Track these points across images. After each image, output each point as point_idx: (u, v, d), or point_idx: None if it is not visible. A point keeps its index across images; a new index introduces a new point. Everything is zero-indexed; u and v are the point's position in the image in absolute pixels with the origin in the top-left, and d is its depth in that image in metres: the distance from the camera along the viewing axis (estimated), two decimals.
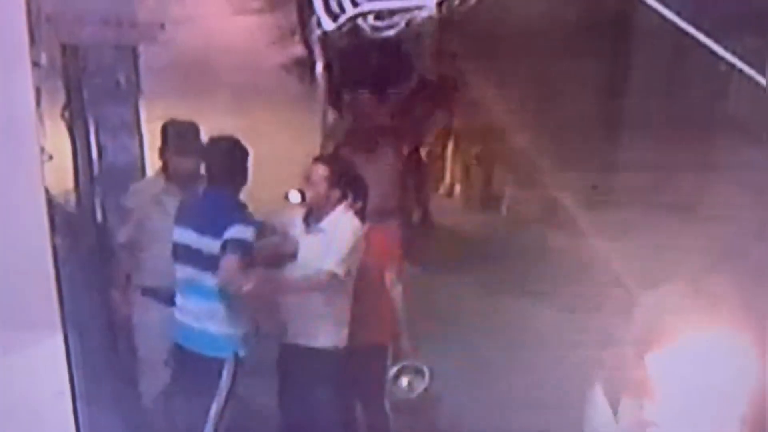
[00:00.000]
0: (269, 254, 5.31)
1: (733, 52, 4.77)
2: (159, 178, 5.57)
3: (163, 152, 5.52)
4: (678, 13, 4.66)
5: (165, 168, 5.52)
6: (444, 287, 7.32)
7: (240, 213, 5.20)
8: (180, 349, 5.29)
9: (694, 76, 8.01)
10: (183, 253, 5.21)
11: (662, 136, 8.33)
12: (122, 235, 5.59)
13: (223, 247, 5.05)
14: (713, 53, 4.76)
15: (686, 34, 4.70)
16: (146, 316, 5.54)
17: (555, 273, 7.20)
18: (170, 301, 5.40)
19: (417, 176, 7.98)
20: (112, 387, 5.39)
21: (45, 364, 4.28)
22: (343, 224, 5.36)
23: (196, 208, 5.28)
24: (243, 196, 5.34)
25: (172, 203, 5.43)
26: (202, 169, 5.41)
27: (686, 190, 8.14)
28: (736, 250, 5.06)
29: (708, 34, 4.73)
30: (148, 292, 5.53)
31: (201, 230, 5.13)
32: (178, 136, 5.53)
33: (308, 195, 5.40)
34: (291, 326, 5.36)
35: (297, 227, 5.42)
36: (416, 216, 8.06)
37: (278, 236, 5.41)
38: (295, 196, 5.46)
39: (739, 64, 4.78)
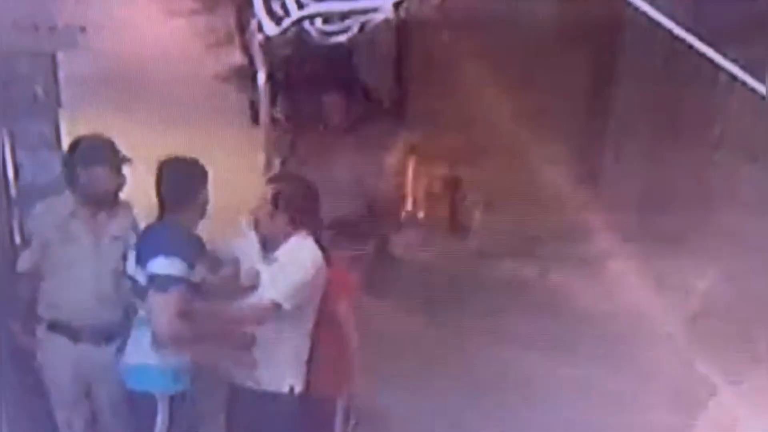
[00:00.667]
0: (222, 290, 5.35)
1: (734, 61, 5.05)
2: (67, 199, 5.56)
3: (71, 168, 5.51)
4: (673, 19, 4.92)
5: (73, 186, 5.55)
6: (404, 324, 7.55)
7: (169, 242, 5.19)
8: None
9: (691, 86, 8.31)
10: (130, 285, 5.34)
11: (653, 153, 8.63)
12: (23, 262, 5.58)
13: (150, 282, 5.12)
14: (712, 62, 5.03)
15: (682, 41, 4.96)
16: (53, 352, 5.57)
17: (526, 311, 7.43)
18: (77, 338, 5.51)
19: (374, 199, 8.10)
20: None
21: None
22: (300, 253, 5.35)
23: (144, 235, 5.37)
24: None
25: (80, 228, 5.51)
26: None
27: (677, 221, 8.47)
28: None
29: (706, 42, 4.99)
30: (55, 326, 5.56)
31: (138, 259, 5.23)
32: (91, 149, 5.51)
33: (256, 221, 5.42)
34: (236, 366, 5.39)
35: (255, 257, 5.41)
36: (371, 245, 8.13)
37: (230, 269, 5.43)
38: (246, 225, 5.48)
39: (741, 74, 5.06)
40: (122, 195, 5.59)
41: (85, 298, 5.51)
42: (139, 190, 5.55)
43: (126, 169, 5.53)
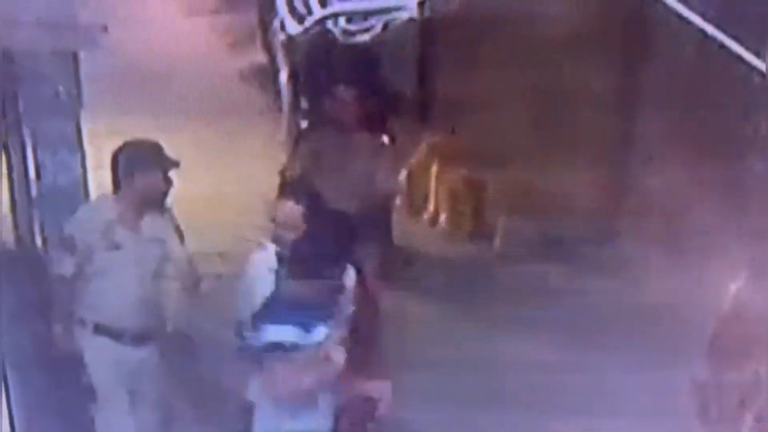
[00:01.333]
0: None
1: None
2: (111, 203, 5.63)
3: (121, 173, 5.50)
4: (702, 16, 4.80)
5: (124, 191, 5.52)
6: (425, 329, 7.47)
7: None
8: None
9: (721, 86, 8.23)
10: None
11: (679, 159, 8.55)
12: (67, 266, 5.50)
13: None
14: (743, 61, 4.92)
15: (713, 40, 4.85)
16: (97, 353, 5.53)
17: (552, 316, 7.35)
18: (119, 339, 5.53)
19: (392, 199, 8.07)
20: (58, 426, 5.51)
21: None
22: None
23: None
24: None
25: (124, 234, 5.48)
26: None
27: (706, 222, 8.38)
28: None
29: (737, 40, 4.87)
30: (98, 328, 5.55)
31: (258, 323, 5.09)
32: (141, 153, 5.49)
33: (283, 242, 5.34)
34: None
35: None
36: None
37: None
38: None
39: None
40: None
41: (128, 301, 5.54)
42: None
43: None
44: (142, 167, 5.46)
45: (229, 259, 6.92)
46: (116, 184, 5.51)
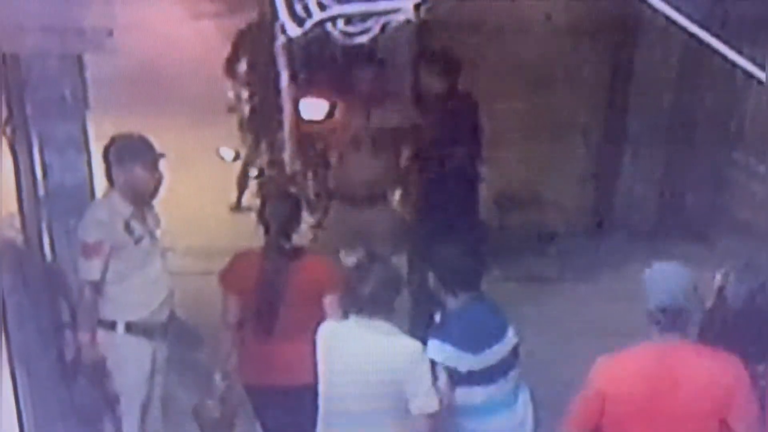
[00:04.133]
0: None
1: (751, 60, 4.90)
2: (120, 199, 5.59)
3: (114, 166, 5.48)
4: (689, 17, 4.78)
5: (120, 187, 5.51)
6: None
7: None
8: None
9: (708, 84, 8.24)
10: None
11: (670, 150, 8.56)
12: (93, 271, 5.46)
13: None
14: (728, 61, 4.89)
15: (699, 40, 4.82)
16: (130, 353, 5.55)
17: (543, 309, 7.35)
18: (152, 336, 5.55)
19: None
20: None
21: None
22: None
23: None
24: None
25: (139, 227, 5.52)
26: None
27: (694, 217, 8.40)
28: None
29: (722, 39, 4.85)
30: (131, 328, 5.53)
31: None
32: (126, 147, 5.53)
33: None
34: None
35: None
36: None
37: None
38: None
39: (757, 72, 4.92)
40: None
41: (159, 294, 5.58)
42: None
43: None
44: (133, 159, 5.45)
45: None
46: (110, 178, 5.51)
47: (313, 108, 7.72)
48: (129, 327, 5.54)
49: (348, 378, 4.92)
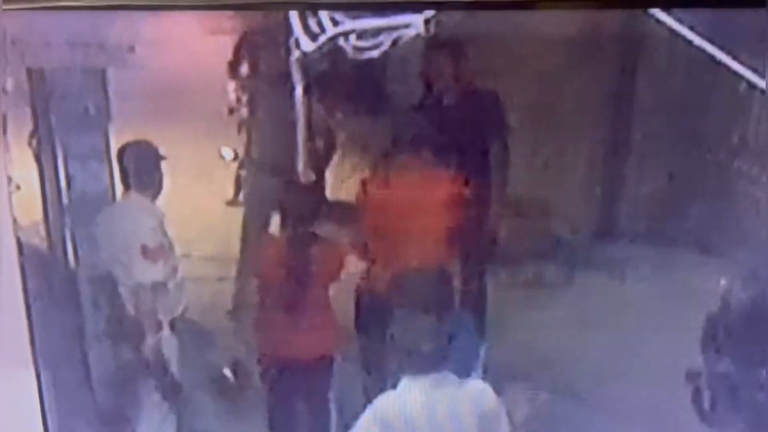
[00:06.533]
0: None
1: (754, 70, 4.96)
2: (153, 206, 5.64)
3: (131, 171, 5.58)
4: (691, 28, 4.84)
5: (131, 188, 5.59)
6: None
7: None
8: None
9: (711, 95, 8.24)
10: None
11: (674, 160, 8.57)
12: (156, 273, 5.65)
13: None
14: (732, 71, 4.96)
15: (702, 51, 4.87)
16: (185, 346, 5.75)
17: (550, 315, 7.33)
18: (194, 333, 5.76)
19: None
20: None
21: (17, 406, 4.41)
22: None
23: None
24: None
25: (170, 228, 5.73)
26: None
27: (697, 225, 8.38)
28: None
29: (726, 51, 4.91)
30: (181, 322, 5.73)
31: None
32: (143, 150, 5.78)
33: None
34: None
35: None
36: None
37: None
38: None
39: (760, 82, 4.97)
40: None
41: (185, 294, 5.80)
42: (179, 197, 5.62)
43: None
44: (146, 163, 5.54)
45: None
46: (126, 183, 5.60)
47: None
48: (173, 325, 5.65)
49: None
